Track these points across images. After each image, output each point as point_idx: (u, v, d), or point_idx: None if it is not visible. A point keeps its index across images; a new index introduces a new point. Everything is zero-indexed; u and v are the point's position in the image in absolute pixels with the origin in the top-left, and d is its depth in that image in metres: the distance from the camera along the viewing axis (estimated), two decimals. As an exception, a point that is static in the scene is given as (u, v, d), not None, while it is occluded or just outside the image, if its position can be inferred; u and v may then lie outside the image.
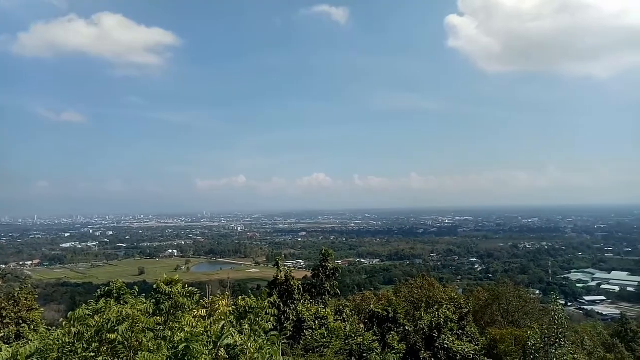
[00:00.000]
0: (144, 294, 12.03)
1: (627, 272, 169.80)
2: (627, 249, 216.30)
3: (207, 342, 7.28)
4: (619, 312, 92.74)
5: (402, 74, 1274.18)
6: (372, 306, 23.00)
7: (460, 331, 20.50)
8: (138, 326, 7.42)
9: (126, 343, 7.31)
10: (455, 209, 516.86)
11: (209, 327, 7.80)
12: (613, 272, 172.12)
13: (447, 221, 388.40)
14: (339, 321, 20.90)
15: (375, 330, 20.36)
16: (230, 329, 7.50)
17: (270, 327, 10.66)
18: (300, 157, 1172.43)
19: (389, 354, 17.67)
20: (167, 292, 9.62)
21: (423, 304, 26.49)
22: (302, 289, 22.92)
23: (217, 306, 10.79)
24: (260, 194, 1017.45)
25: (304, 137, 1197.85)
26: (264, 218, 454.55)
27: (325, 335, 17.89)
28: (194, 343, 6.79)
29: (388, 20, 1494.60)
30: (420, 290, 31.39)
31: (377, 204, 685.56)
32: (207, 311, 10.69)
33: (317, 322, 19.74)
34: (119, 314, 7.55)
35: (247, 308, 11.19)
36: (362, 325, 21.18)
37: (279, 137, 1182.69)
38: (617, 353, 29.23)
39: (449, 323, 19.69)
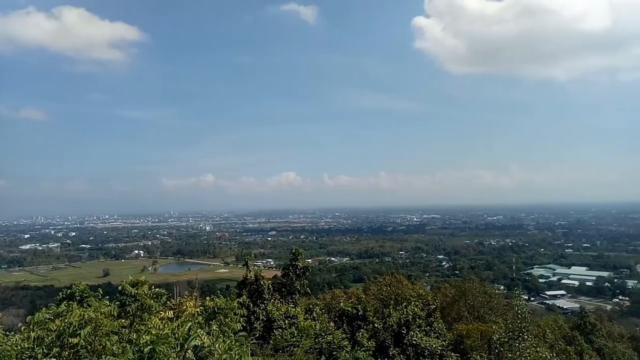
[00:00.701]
0: (108, 296, 11.72)
1: (585, 267, 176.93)
2: (585, 245, 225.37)
3: (174, 344, 7.14)
4: (579, 305, 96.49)
5: (371, 74, 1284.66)
6: (341, 304, 23.12)
7: (428, 327, 20.87)
8: (102, 329, 7.21)
9: (89, 347, 7.09)
10: (423, 208, 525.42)
11: (176, 328, 7.65)
12: (573, 267, 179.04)
13: (415, 219, 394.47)
14: (309, 320, 20.91)
15: (345, 328, 20.48)
16: (198, 330, 7.38)
17: (239, 327, 10.57)
18: (270, 156, 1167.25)
19: (358, 351, 17.79)
20: (132, 293, 9.39)
21: (392, 301, 26.85)
22: (272, 289, 22.82)
23: (184, 307, 10.62)
24: (229, 193, 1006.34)
25: (274, 136, 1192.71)
26: (233, 217, 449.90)
27: (295, 334, 17.87)
28: (160, 345, 6.65)
29: (356, 20, 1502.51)
30: (389, 288, 31.77)
31: (347, 203, 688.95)
32: (174, 313, 10.49)
33: (287, 322, 19.69)
34: (81, 318, 7.31)
35: (215, 309, 11.06)
36: (332, 324, 21.26)
37: (249, 135, 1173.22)
38: (576, 345, 30.37)
39: (417, 319, 20.00)
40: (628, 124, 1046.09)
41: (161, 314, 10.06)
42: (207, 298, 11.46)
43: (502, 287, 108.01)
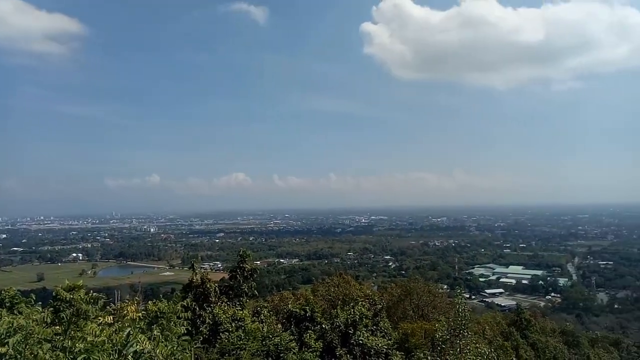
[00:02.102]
0: (42, 302, 11.03)
1: (522, 266, 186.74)
2: (522, 245, 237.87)
3: (111, 350, 6.81)
4: (515, 303, 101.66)
5: (322, 77, 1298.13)
6: (290, 306, 23.03)
7: (375, 327, 21.19)
8: (33, 337, 6.76)
9: (19, 356, 6.62)
10: (371, 209, 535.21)
11: (114, 334, 7.30)
12: (510, 266, 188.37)
13: (363, 221, 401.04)
14: (257, 322, 20.68)
15: (292, 330, 20.41)
16: (139, 336, 7.08)
17: (183, 331, 10.26)
18: (218, 157, 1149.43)
19: (305, 352, 17.79)
20: (67, 299, 8.88)
21: (340, 302, 27.04)
22: (218, 291, 22.33)
23: (125, 312, 10.16)
24: (175, 194, 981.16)
25: (223, 136, 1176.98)
26: (179, 219, 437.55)
27: (242, 337, 17.60)
28: (96, 353, 6.32)
29: (307, 22, 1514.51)
30: (337, 289, 31.99)
31: (297, 204, 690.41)
32: (114, 318, 10.01)
33: (233, 325, 19.34)
34: (10, 325, 6.83)
35: (158, 313, 10.68)
36: (279, 326, 21.12)
37: (196, 135, 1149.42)
38: (513, 340, 31.92)
39: (364, 319, 20.27)
40: (560, 132, 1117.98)
41: (99, 319, 9.57)
42: (150, 302, 11.06)
43: (445, 287, 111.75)
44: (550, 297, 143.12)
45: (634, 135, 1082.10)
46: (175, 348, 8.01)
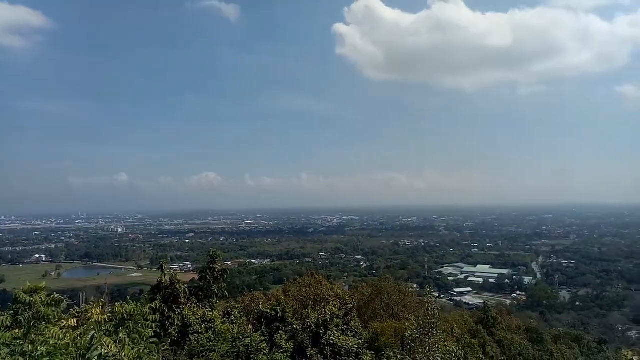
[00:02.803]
0: (1, 306, 10.59)
1: (489, 265, 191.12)
2: (489, 245, 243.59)
3: (74, 354, 6.60)
4: (482, 301, 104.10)
5: (293, 76, 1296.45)
6: (261, 306, 22.87)
7: (345, 326, 21.27)
8: (-10, 342, 6.49)
9: (-26, 363, 6.35)
10: (343, 209, 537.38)
11: (78, 338, 7.07)
12: (478, 265, 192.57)
13: (335, 220, 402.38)
14: (227, 323, 20.46)
15: (263, 331, 20.28)
16: (104, 339, 6.89)
17: (151, 333, 10.04)
18: (189, 156, 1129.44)
19: (276, 353, 17.72)
20: (27, 301, 8.55)
21: (311, 302, 27.08)
22: (188, 292, 21.99)
23: (90, 314, 9.87)
24: (144, 194, 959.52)
25: (193, 135, 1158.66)
26: (148, 219, 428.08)
27: (212, 339, 17.39)
28: (57, 356, 6.10)
29: (279, 21, 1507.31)
30: (308, 289, 31.99)
31: (269, 204, 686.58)
32: (78, 321, 9.71)
33: (203, 326, 19.08)
34: (-35, 330, 6.53)
35: (125, 315, 10.42)
36: (250, 327, 20.97)
37: (166, 134, 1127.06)
38: (480, 338, 32.65)
39: (335, 319, 20.32)
40: (525, 134, 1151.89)
41: (62, 322, 9.27)
42: (118, 304, 10.77)
43: (415, 286, 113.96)
44: (515, 295, 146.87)
45: (594, 138, 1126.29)
46: (142, 351, 7.83)
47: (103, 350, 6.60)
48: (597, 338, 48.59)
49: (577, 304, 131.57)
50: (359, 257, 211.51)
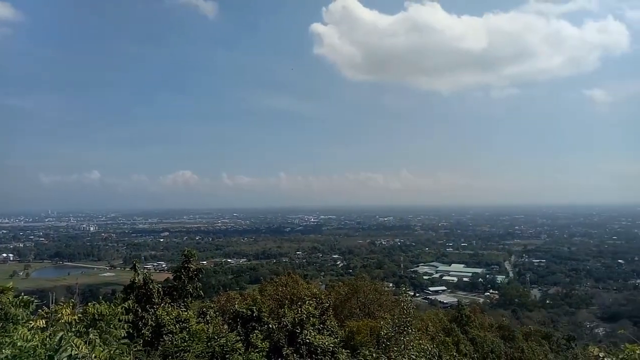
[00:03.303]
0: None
1: (463, 265, 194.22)
2: (463, 244, 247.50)
3: (43, 356, 6.41)
4: (457, 300, 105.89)
5: (272, 75, 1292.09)
6: (236, 306, 22.71)
7: (321, 325, 21.30)
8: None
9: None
10: (320, 208, 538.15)
11: (47, 339, 6.86)
12: (453, 264, 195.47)
13: (312, 220, 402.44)
14: (202, 323, 20.25)
15: (239, 330, 20.16)
16: (75, 340, 6.72)
17: (123, 334, 9.86)
18: (164, 154, 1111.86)
19: (252, 353, 17.62)
20: (-6, 302, 8.27)
21: (287, 301, 27.02)
22: (162, 292, 21.70)
23: (60, 315, 9.60)
24: (117, 192, 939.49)
25: (169, 133, 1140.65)
26: (121, 217, 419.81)
27: (186, 339, 17.17)
28: (25, 358, 5.92)
29: (257, 19, 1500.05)
30: (285, 288, 31.92)
31: (246, 203, 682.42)
32: (47, 321, 9.44)
33: (177, 326, 18.83)
34: None
35: (97, 315, 10.19)
36: (226, 326, 20.81)
37: (140, 131, 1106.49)
38: (454, 336, 33.18)
39: (311, 318, 20.33)
40: (499, 136, 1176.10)
41: (31, 323, 8.98)
42: (90, 304, 10.53)
43: (391, 285, 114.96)
44: (488, 293, 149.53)
45: (564, 140, 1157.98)
46: (113, 352, 7.67)
47: (72, 351, 6.43)
48: (566, 335, 49.80)
49: (548, 302, 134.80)
50: (336, 256, 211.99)
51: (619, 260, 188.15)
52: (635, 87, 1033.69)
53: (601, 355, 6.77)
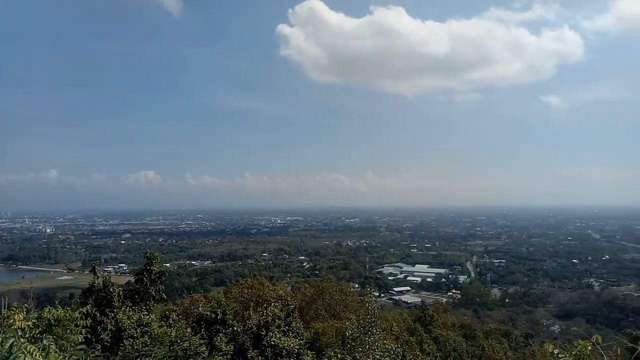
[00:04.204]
0: None
1: (427, 265, 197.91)
2: (427, 245, 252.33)
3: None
4: (420, 300, 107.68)
5: (238, 74, 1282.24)
6: (200, 309, 22.35)
7: (287, 327, 21.21)
8: None
9: None
10: (287, 210, 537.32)
11: (-3, 346, 6.53)
12: (417, 265, 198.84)
13: (279, 221, 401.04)
14: (164, 327, 19.79)
15: (203, 334, 19.82)
16: (26, 346, 6.42)
17: (81, 339, 9.51)
18: (126, 153, 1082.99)
19: (216, 356, 17.37)
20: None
21: (252, 303, 26.80)
22: (122, 296, 21.07)
23: (12, 321, 9.17)
24: (76, 192, 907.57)
25: (131, 132, 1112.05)
26: (80, 219, 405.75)
27: (148, 343, 16.73)
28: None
29: (223, 19, 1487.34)
30: (250, 290, 31.66)
31: (211, 204, 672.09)
32: (-2, 328, 8.99)
33: (139, 330, 18.34)
34: None
35: (52, 321, 9.79)
36: (189, 330, 20.42)
37: (102, 129, 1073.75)
38: (417, 335, 33.74)
39: (277, 320, 20.21)
40: (461, 139, 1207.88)
41: (-20, 330, 8.53)
42: (45, 309, 10.10)
43: (356, 285, 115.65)
44: (451, 293, 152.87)
45: (522, 144, 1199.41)
46: (69, 358, 7.39)
47: (25, 358, 6.15)
48: (524, 333, 51.63)
49: (507, 301, 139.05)
50: (302, 257, 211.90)
51: (574, 260, 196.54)
52: (589, 94, 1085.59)
53: (555, 352, 7.03)
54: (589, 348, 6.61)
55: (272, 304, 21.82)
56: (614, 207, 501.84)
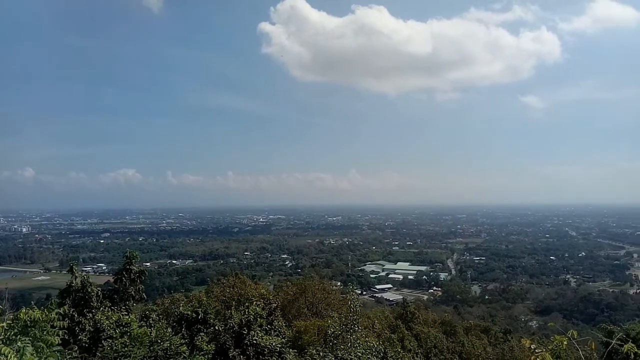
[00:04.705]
0: None
1: (409, 263, 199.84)
2: (409, 243, 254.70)
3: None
4: (402, 297, 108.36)
5: (220, 73, 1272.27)
6: (181, 308, 22.11)
7: (269, 326, 21.16)
8: None
9: None
10: (269, 208, 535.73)
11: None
12: (398, 262, 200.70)
13: (261, 220, 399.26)
14: (144, 327, 19.54)
15: (183, 333, 19.63)
16: (1, 348, 6.29)
17: (58, 341, 9.33)
18: (105, 151, 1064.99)
19: (197, 356, 17.22)
20: None
21: (234, 302, 26.62)
22: (101, 296, 20.77)
23: (-15, 323, 8.94)
24: (53, 191, 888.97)
25: (111, 129, 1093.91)
26: (57, 218, 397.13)
27: (127, 344, 16.49)
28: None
29: (204, 17, 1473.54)
30: (232, 289, 31.45)
31: (192, 203, 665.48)
32: (-29, 330, 8.76)
33: (118, 331, 18.09)
34: None
35: (29, 322, 9.58)
36: (170, 329, 20.19)
37: (80, 126, 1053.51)
38: (399, 332, 34.00)
39: (258, 319, 20.14)
40: (443, 138, 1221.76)
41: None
42: (21, 310, 9.88)
43: (339, 283, 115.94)
44: (432, 290, 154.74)
45: (502, 143, 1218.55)
46: (45, 359, 7.25)
47: (-1, 360, 6.03)
48: (503, 329, 52.45)
49: (487, 297, 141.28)
50: (285, 256, 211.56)
51: (551, 257, 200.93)
52: (566, 95, 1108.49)
53: (533, 347, 7.20)
54: (565, 343, 6.77)
55: (254, 302, 21.73)
56: (590, 206, 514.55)
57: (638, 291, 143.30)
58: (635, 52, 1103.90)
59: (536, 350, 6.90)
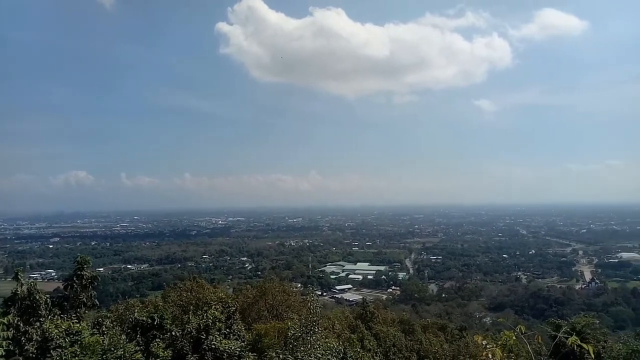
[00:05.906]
0: None
1: (368, 263, 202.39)
2: (368, 243, 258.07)
3: None
4: (361, 297, 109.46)
5: (176, 72, 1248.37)
6: (136, 314, 21.45)
7: (228, 330, 20.88)
8: None
9: None
10: (229, 210, 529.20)
11: None
12: (358, 263, 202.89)
13: (220, 222, 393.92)
14: (97, 335, 18.82)
15: (138, 340, 19.05)
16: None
17: (1, 352, 8.86)
18: (54, 152, 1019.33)
19: (153, 362, 16.78)
20: None
21: (192, 307, 26.08)
22: (50, 303, 19.79)
23: None
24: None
25: (60, 129, 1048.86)
26: (2, 222, 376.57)
27: (78, 353, 15.83)
28: None
29: (159, 15, 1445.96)
30: (189, 293, 30.79)
31: (148, 206, 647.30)
32: None
33: (68, 339, 17.32)
34: None
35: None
36: (124, 336, 19.53)
37: (27, 127, 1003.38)
38: (359, 332, 34.33)
39: (217, 323, 19.85)
40: (400, 140, 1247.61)
41: None
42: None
43: (299, 285, 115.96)
44: (391, 290, 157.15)
45: (456, 145, 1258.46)
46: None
47: None
48: (458, 326, 53.87)
49: (443, 295, 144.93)
50: (245, 258, 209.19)
51: (504, 255, 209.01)
52: (516, 99, 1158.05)
53: (484, 343, 7.45)
54: (514, 337, 7.05)
55: (213, 306, 21.40)
56: (540, 205, 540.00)
57: (583, 286, 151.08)
58: (578, 59, 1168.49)
59: (487, 346, 7.16)
